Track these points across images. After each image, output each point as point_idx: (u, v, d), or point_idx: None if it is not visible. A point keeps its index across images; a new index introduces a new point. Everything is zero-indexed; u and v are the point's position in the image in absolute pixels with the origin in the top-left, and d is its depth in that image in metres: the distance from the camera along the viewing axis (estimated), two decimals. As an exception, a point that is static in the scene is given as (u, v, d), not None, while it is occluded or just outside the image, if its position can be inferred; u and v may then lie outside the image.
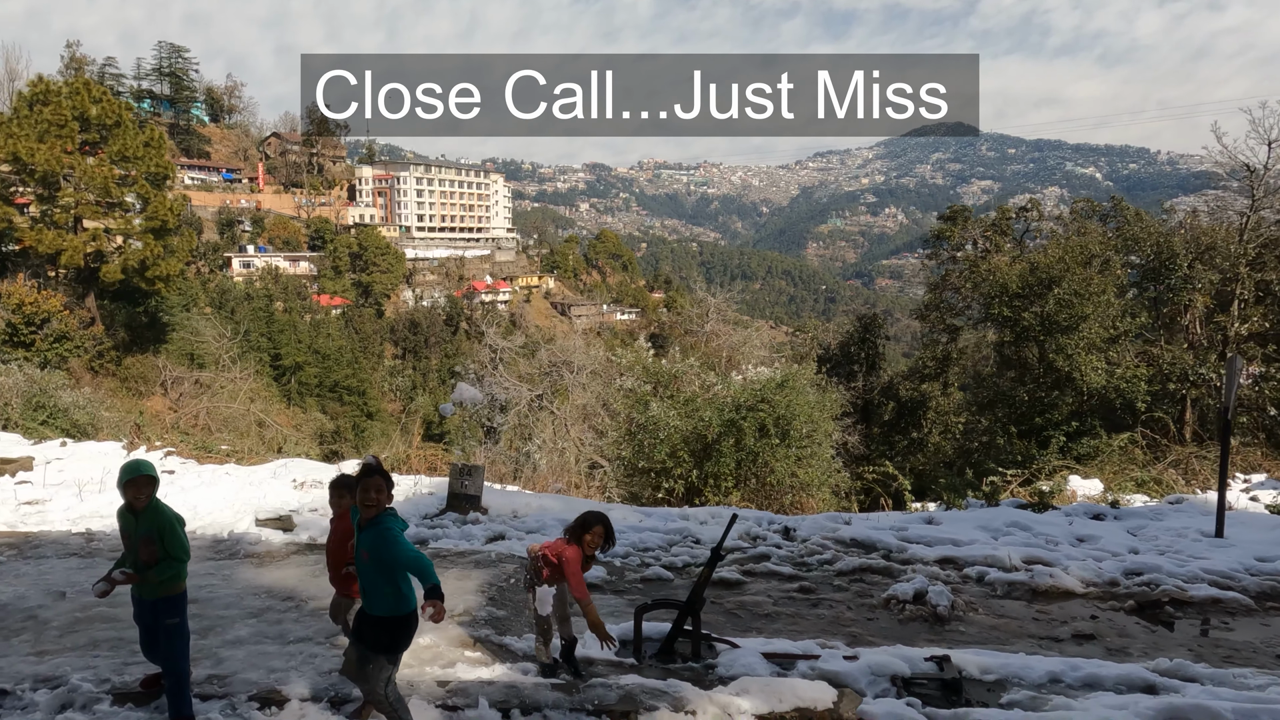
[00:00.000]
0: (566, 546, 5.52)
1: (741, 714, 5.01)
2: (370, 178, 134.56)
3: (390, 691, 4.52)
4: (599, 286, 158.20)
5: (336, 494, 5.48)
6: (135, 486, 4.66)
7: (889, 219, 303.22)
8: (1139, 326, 19.47)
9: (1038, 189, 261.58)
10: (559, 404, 24.90)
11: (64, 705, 5.05)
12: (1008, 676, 5.88)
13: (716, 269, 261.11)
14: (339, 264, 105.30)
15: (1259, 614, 7.19)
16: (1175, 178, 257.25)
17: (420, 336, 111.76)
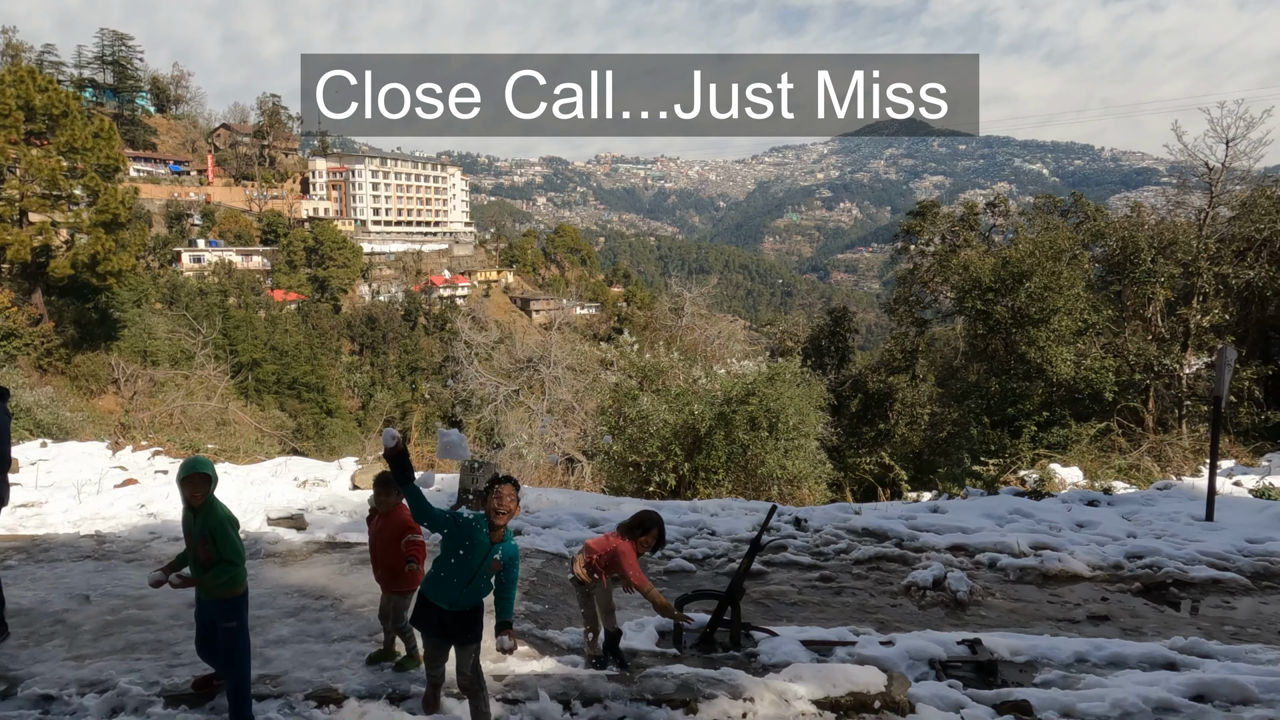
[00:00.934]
0: (620, 541, 5.58)
1: (798, 699, 5.13)
2: (324, 170, 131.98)
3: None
4: (558, 281, 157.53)
5: (384, 491, 5.46)
6: (190, 485, 4.60)
7: (844, 214, 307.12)
8: (1105, 319, 20.11)
9: (987, 184, 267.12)
10: (534, 399, 24.87)
11: (115, 710, 4.97)
12: (1037, 658, 6.10)
13: (674, 263, 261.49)
14: (294, 258, 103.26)
15: (1256, 593, 7.54)
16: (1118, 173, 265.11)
17: (378, 332, 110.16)
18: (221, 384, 18.66)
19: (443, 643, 4.69)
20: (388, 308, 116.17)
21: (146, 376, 33.74)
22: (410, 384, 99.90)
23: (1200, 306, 19.73)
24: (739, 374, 17.01)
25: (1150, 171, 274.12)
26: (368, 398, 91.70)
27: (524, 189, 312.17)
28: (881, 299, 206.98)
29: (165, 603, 6.46)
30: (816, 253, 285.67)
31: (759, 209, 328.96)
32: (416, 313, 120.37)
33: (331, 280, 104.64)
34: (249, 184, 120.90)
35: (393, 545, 5.40)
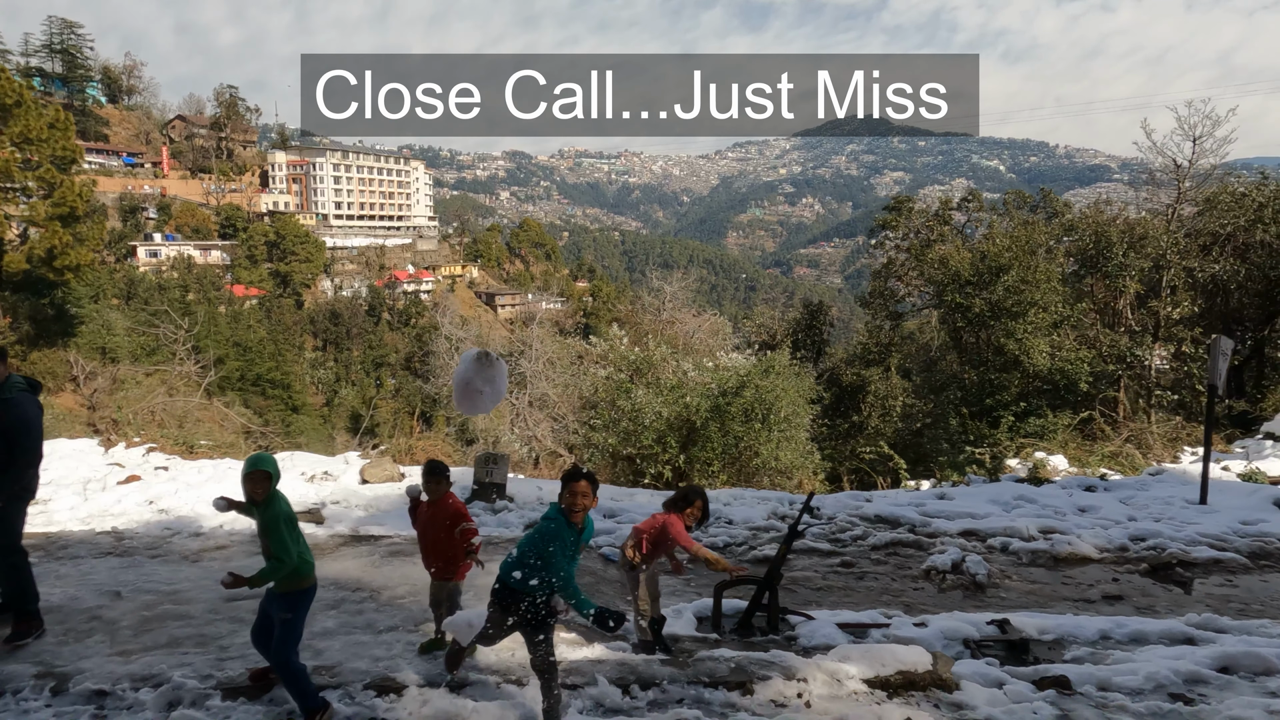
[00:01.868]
0: (666, 516, 5.70)
1: (850, 679, 5.27)
2: (284, 163, 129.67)
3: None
4: (523, 276, 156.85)
5: (435, 480, 5.49)
6: (251, 481, 4.66)
7: (806, 209, 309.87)
8: (1080, 312, 20.67)
9: (946, 180, 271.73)
10: (517, 393, 24.80)
11: (171, 703, 4.93)
12: (1063, 636, 6.33)
13: (639, 258, 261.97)
14: (255, 253, 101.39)
15: (1256, 572, 7.88)
16: (1072, 170, 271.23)
17: (342, 327, 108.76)
18: (205, 379, 18.29)
19: (515, 627, 4.73)
20: (351, 303, 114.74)
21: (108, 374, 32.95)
22: (375, 380, 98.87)
23: (1170, 299, 20.36)
24: (728, 366, 17.20)
25: (1103, 168, 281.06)
26: (332, 394, 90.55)
27: (487, 183, 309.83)
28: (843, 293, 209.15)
29: (201, 598, 6.41)
30: (779, 247, 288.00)
31: (722, 204, 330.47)
32: (380, 308, 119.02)
33: (294, 275, 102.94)
34: (206, 177, 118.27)
35: (445, 533, 5.44)
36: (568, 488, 4.56)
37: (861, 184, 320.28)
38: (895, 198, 28.60)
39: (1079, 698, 5.25)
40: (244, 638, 5.74)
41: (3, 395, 5.66)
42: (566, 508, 4.54)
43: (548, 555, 4.51)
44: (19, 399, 5.72)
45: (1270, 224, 21.30)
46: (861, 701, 5.12)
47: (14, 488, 5.65)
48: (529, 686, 5.15)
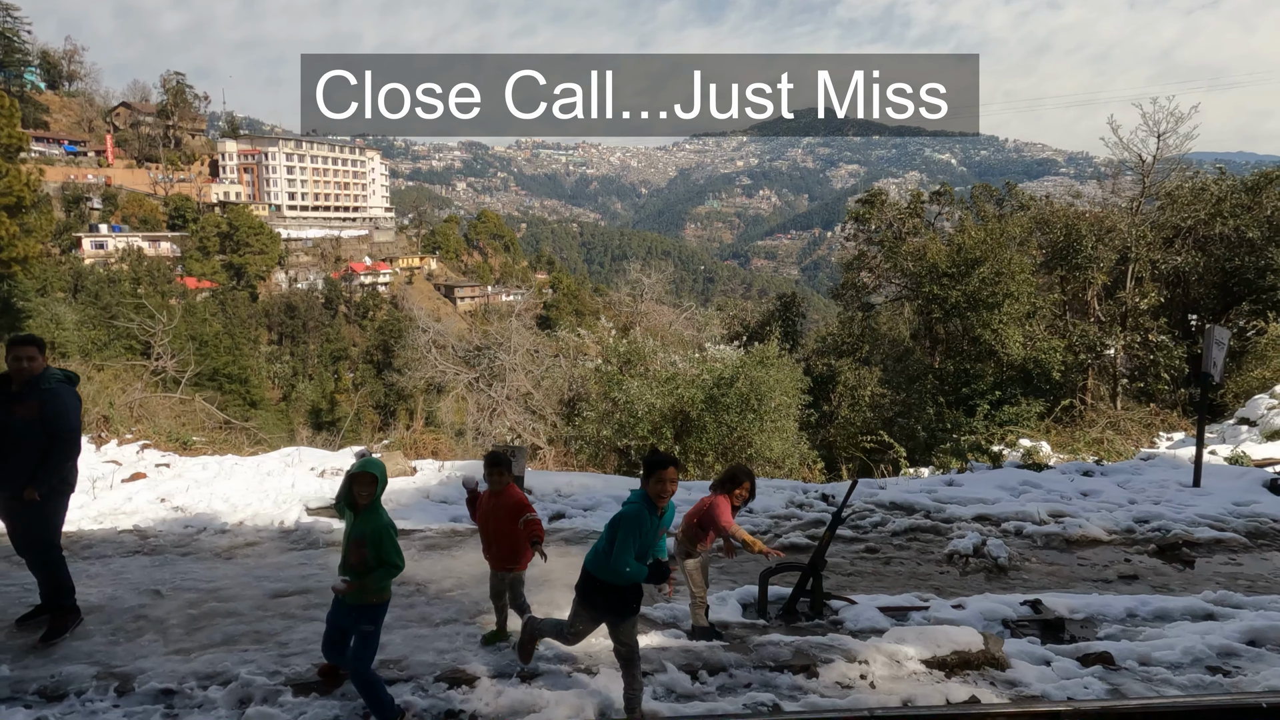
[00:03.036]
0: (715, 497, 5.81)
1: (909, 660, 5.44)
2: (235, 153, 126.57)
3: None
4: (482, 268, 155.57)
5: (497, 471, 5.51)
6: (359, 483, 4.59)
7: (763, 201, 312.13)
8: (1052, 303, 21.26)
9: (900, 173, 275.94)
10: (496, 386, 24.68)
11: (242, 701, 4.90)
12: (1093, 614, 6.58)
13: (597, 250, 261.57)
14: (207, 244, 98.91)
15: (1255, 550, 8.27)
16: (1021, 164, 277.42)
17: (298, 321, 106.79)
18: (186, 374, 17.84)
19: (603, 617, 4.78)
20: (307, 295, 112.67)
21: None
22: (334, 374, 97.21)
23: (1137, 290, 21.05)
24: (716, 357, 17.36)
25: (1050, 162, 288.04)
26: (289, 388, 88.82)
27: (443, 174, 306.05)
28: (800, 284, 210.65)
29: (245, 595, 6.34)
30: (737, 239, 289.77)
31: (680, 196, 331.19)
32: (337, 301, 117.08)
33: (248, 267, 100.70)
34: (153, 166, 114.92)
35: (508, 523, 5.46)
36: (655, 474, 4.58)
37: (817, 176, 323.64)
38: (869, 191, 29.04)
39: (1124, 672, 5.49)
40: (300, 633, 5.72)
41: (41, 386, 5.55)
42: (653, 494, 4.59)
43: (629, 542, 4.56)
44: (57, 390, 5.61)
45: (1229, 217, 22.14)
46: (923, 682, 5.29)
47: (53, 480, 5.54)
48: (599, 675, 5.23)
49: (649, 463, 4.64)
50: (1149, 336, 20.76)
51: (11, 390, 5.60)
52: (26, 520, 5.55)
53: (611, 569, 4.60)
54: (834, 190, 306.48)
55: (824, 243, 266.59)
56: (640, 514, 4.58)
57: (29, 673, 5.11)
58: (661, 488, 4.55)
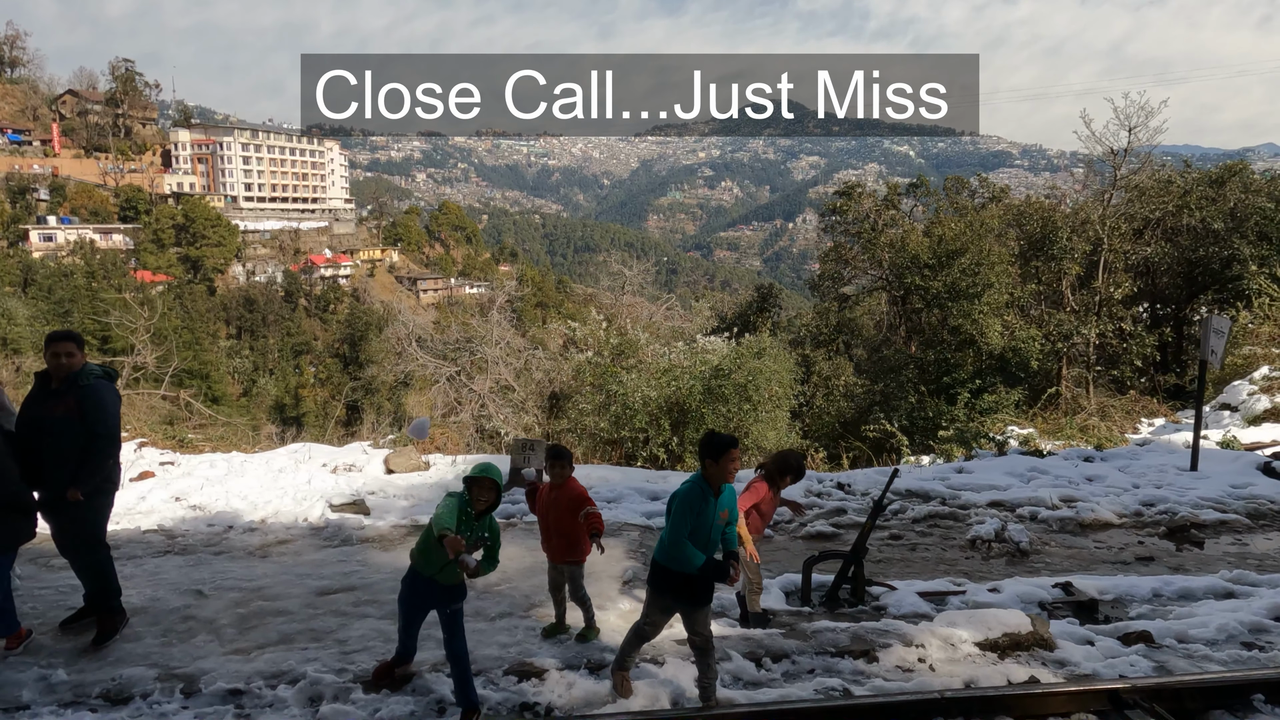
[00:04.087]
0: (759, 483, 5.90)
1: (963, 643, 5.58)
2: (188, 142, 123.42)
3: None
4: (444, 260, 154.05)
5: (559, 464, 5.53)
6: (480, 487, 4.65)
7: (725, 192, 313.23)
8: (1030, 293, 21.75)
9: (860, 165, 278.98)
10: (477, 379, 24.53)
11: (313, 699, 4.87)
12: (1121, 595, 6.80)
13: (560, 241, 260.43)
14: (161, 237, 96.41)
15: (1258, 531, 8.60)
16: (977, 156, 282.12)
17: (257, 314, 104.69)
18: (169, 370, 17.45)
19: (675, 606, 4.83)
20: (267, 289, 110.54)
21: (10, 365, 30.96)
22: (296, 368, 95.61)
23: (1111, 280, 21.62)
24: (708, 348, 17.44)
25: (1005, 154, 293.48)
26: (250, 383, 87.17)
27: (402, 164, 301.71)
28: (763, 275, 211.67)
29: (290, 593, 6.27)
30: (700, 230, 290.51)
31: (643, 187, 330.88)
32: (297, 294, 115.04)
33: (205, 260, 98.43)
34: (103, 156, 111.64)
35: (569, 516, 5.48)
36: (722, 456, 4.61)
37: (779, 168, 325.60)
38: (847, 183, 29.34)
39: (1165, 650, 5.70)
40: (357, 630, 5.69)
41: (79, 382, 5.42)
42: (722, 476, 4.63)
43: (697, 527, 4.61)
44: (96, 385, 5.48)
45: (1195, 209, 22.83)
46: (979, 663, 5.44)
47: (96, 479, 5.42)
48: (667, 664, 5.29)
49: (715, 445, 4.63)
50: (1122, 325, 21.34)
51: (51, 387, 5.47)
52: (71, 521, 5.42)
53: (671, 554, 4.66)
54: (795, 182, 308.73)
55: (785, 234, 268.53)
56: (693, 494, 4.63)
57: (87, 676, 5.02)
58: (729, 468, 4.60)
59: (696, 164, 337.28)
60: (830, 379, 29.98)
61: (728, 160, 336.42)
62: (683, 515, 4.61)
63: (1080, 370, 21.82)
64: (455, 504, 4.59)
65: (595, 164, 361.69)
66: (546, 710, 4.85)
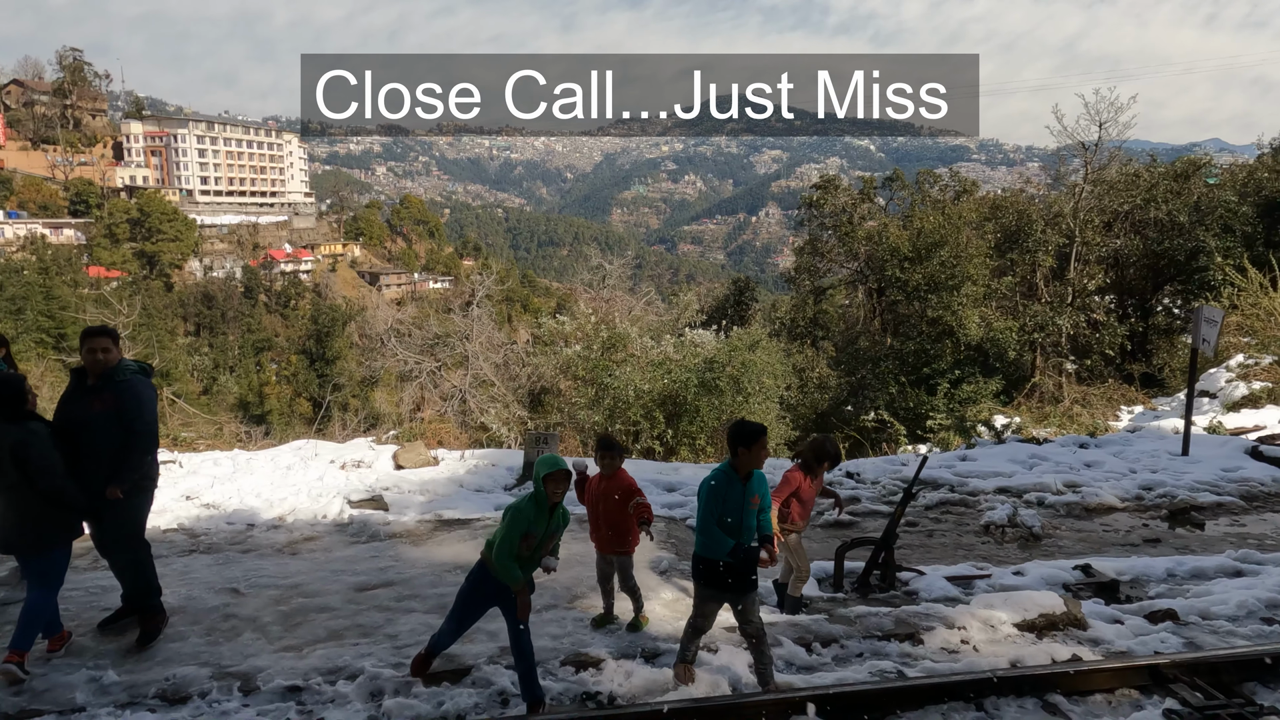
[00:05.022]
0: (794, 473, 5.99)
1: (1002, 624, 5.74)
2: (140, 135, 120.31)
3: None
4: (407, 254, 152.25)
5: (610, 455, 5.56)
6: (554, 481, 4.61)
7: (689, 186, 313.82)
8: (1007, 285, 22.22)
9: (821, 159, 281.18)
10: (458, 375, 24.38)
11: (373, 694, 4.85)
12: (1138, 576, 7.04)
13: (524, 235, 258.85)
14: (116, 231, 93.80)
15: (1253, 512, 8.93)
16: (936, 150, 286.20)
17: (216, 311, 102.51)
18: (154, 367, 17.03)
19: (723, 596, 4.90)
20: (225, 284, 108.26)
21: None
22: (257, 365, 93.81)
23: (1084, 272, 22.18)
24: (697, 341, 17.55)
25: (963, 149, 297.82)
26: (210, 381, 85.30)
27: (361, 158, 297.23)
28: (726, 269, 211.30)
29: (328, 589, 6.22)
30: (664, 224, 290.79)
31: (606, 181, 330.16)
32: (257, 289, 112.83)
33: (162, 255, 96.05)
34: (51, 148, 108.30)
35: (619, 507, 5.52)
36: (754, 444, 4.69)
37: (741, 161, 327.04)
38: (824, 177, 29.64)
39: (1191, 626, 5.92)
40: (406, 625, 5.67)
41: (116, 378, 5.32)
42: (744, 464, 4.71)
43: (711, 509, 4.70)
44: (133, 381, 5.39)
45: (1162, 202, 23.49)
46: (1019, 644, 5.59)
47: (135, 476, 5.32)
48: (720, 652, 5.35)
49: (747, 433, 4.70)
50: (1094, 316, 21.90)
51: (87, 384, 5.36)
52: (111, 519, 5.32)
53: (703, 540, 4.77)
54: (758, 175, 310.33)
55: (749, 228, 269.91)
56: (720, 481, 4.72)
57: (138, 676, 4.94)
58: (761, 455, 4.70)
59: (660, 157, 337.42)
60: (805, 370, 30.33)
61: (691, 154, 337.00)
62: (710, 502, 4.72)
63: (1055, 360, 22.37)
64: (511, 528, 4.56)
65: (558, 157, 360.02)
66: (610, 698, 4.89)
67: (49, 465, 4.95)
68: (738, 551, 4.71)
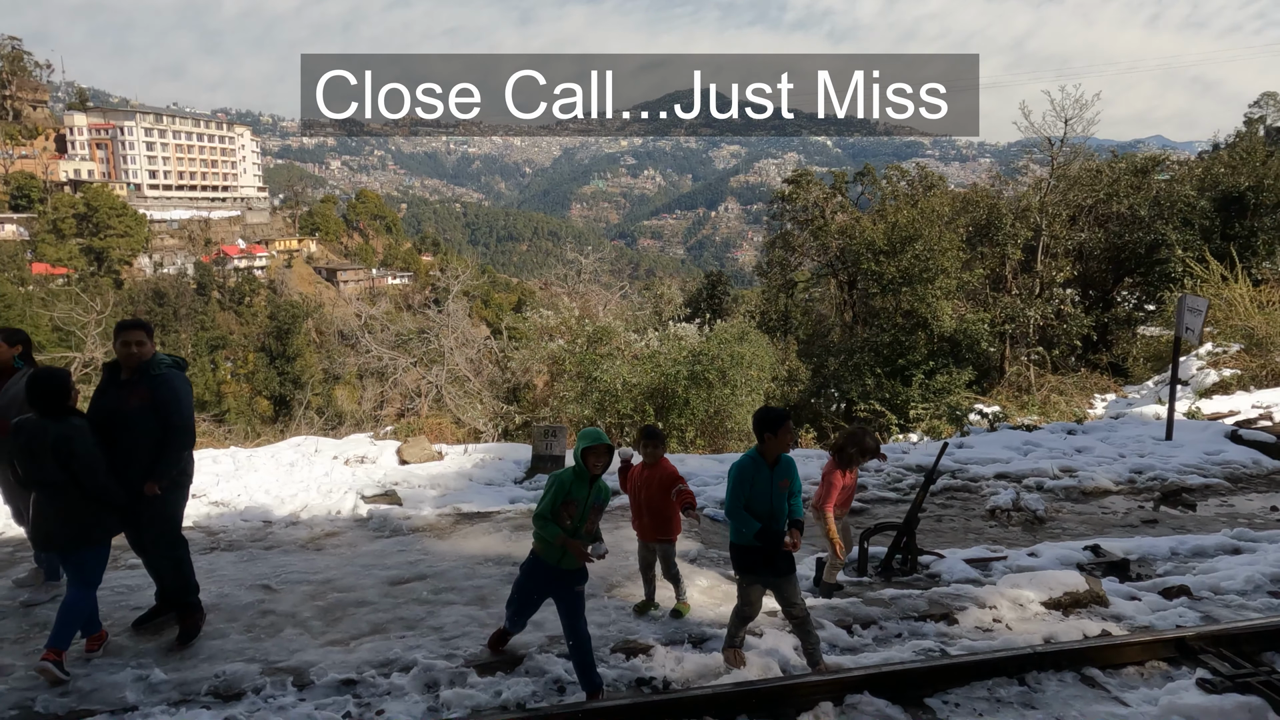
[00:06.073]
0: (832, 470, 6.13)
1: (1030, 603, 5.92)
2: (85, 127, 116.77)
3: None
4: (364, 250, 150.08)
5: (653, 444, 5.61)
6: (595, 454, 4.63)
7: (648, 180, 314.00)
8: (978, 278, 22.72)
9: (779, 154, 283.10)
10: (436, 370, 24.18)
11: (429, 685, 4.85)
12: (1144, 555, 7.30)
13: (482, 230, 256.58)
14: (61, 227, 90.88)
15: (1239, 493, 9.32)
16: (891, 146, 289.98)
17: (168, 308, 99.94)
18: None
19: (764, 580, 4.99)
20: (177, 281, 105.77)
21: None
22: (212, 363, 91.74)
23: (1053, 264, 22.77)
24: (681, 334, 17.65)
25: (917, 144, 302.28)
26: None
27: (315, 152, 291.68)
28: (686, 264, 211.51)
29: (360, 584, 6.17)
30: (623, 219, 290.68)
31: (565, 175, 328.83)
32: (210, 286, 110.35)
33: (111, 251, 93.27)
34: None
35: (660, 495, 5.58)
36: (780, 428, 4.81)
37: (700, 156, 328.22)
38: (796, 171, 29.93)
39: (1205, 601, 6.17)
40: (449, 617, 5.67)
41: (152, 372, 5.22)
42: (771, 449, 4.82)
43: (757, 498, 4.80)
44: (169, 375, 5.29)
45: (1123, 197, 24.21)
46: (1048, 621, 5.78)
47: (172, 472, 5.24)
48: (766, 635, 5.44)
49: (772, 418, 4.84)
50: (1061, 307, 22.50)
51: (120, 378, 5.26)
52: (149, 516, 5.22)
53: (732, 525, 4.90)
54: (717, 170, 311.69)
55: (708, 222, 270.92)
56: (746, 466, 4.85)
57: (186, 674, 4.87)
58: (786, 439, 4.82)
59: (619, 152, 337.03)
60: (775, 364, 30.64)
61: (650, 149, 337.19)
62: (736, 486, 4.85)
63: (1025, 350, 22.94)
64: (553, 494, 4.63)
65: (516, 151, 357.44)
66: (664, 683, 4.94)
67: (94, 462, 4.85)
68: (763, 534, 4.82)
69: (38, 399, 4.85)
